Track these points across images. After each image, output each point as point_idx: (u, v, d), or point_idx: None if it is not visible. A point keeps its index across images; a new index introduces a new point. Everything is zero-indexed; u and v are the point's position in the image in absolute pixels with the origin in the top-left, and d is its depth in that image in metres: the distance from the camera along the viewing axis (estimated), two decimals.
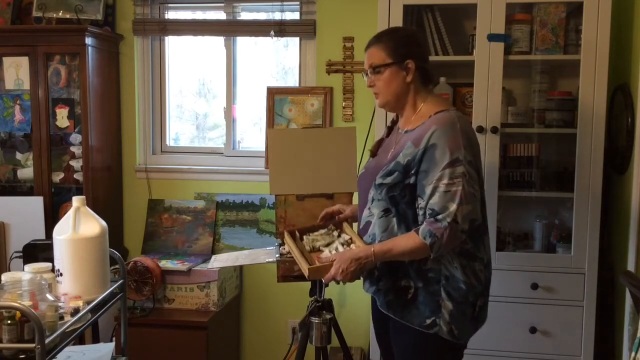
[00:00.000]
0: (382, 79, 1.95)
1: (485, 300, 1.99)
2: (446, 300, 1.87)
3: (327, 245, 2.10)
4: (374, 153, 2.11)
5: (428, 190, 1.82)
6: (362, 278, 2.04)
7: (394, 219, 1.90)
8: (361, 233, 2.02)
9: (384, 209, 1.91)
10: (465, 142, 1.84)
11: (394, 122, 2.13)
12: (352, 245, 2.02)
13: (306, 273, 1.93)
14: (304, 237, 2.17)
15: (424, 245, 1.80)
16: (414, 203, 1.87)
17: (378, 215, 1.92)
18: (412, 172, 1.85)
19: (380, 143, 2.13)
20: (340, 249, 2.02)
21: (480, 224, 1.90)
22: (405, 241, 1.84)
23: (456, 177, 1.79)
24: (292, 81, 3.47)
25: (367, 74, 1.99)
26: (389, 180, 1.89)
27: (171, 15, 3.53)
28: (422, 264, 1.87)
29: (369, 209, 1.96)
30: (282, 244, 2.32)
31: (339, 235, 2.13)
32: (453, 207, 1.78)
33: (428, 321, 1.88)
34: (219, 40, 3.49)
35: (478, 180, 1.88)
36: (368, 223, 1.98)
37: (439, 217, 1.79)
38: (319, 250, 2.10)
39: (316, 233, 2.18)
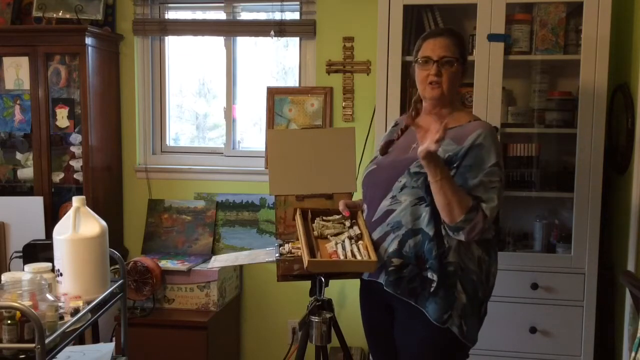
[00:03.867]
0: (451, 71, 2.00)
1: (487, 306, 2.03)
2: (461, 292, 1.92)
3: (336, 235, 2.08)
4: (384, 151, 2.15)
5: (473, 182, 1.89)
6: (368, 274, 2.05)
7: (426, 210, 1.92)
8: (377, 223, 2.01)
9: (418, 197, 1.93)
10: (501, 151, 1.99)
11: (407, 126, 2.15)
12: (360, 242, 2.01)
13: (305, 264, 1.92)
14: (316, 220, 2.15)
15: (460, 214, 1.84)
16: None
17: (411, 204, 1.94)
18: (454, 165, 1.92)
19: (390, 144, 2.16)
20: (347, 242, 2.01)
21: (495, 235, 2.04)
22: (463, 197, 1.85)
23: (499, 179, 1.90)
24: (292, 81, 3.47)
25: (432, 62, 1.99)
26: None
27: (171, 15, 3.53)
28: (443, 257, 1.91)
29: (393, 197, 1.97)
30: (282, 244, 2.32)
31: (350, 226, 2.11)
32: (494, 202, 1.87)
33: (445, 316, 1.91)
34: (219, 40, 3.49)
35: None
36: (389, 212, 1.98)
37: (483, 205, 1.86)
38: (326, 238, 2.08)
39: (329, 218, 2.16)
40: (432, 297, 1.92)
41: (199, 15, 3.57)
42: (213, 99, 3.65)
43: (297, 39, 3.38)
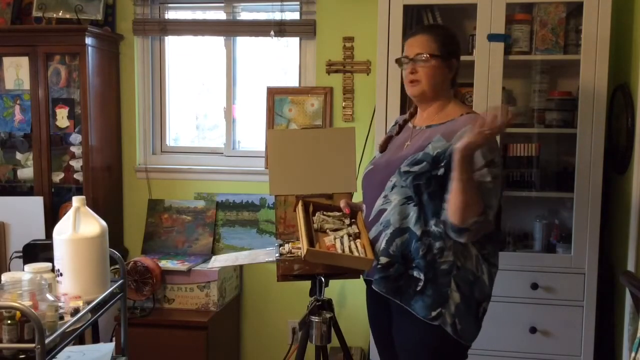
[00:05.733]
0: (427, 68, 1.98)
1: (487, 306, 2.01)
2: (454, 291, 1.90)
3: (335, 230, 2.08)
4: (383, 148, 2.14)
5: None
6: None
7: (414, 210, 1.91)
8: (372, 223, 2.02)
9: (407, 196, 1.92)
10: (496, 147, 1.94)
11: (406, 120, 2.16)
12: (358, 241, 2.01)
13: (304, 252, 1.92)
14: (317, 213, 2.15)
15: (474, 216, 1.81)
16: (438, 194, 1.88)
17: (399, 203, 1.93)
18: (442, 164, 1.88)
19: (389, 139, 2.16)
20: (346, 238, 2.01)
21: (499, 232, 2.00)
22: (479, 200, 1.81)
23: (494, 177, 1.86)
24: (292, 81, 3.47)
25: (407, 61, 2.00)
26: (415, 169, 1.91)
27: (171, 15, 3.53)
28: (437, 256, 1.89)
29: (385, 196, 1.97)
30: (282, 244, 2.32)
31: (349, 224, 2.11)
32: (494, 209, 1.86)
33: (434, 313, 1.89)
34: (219, 40, 3.49)
35: None
36: (381, 211, 1.98)
37: (487, 211, 1.84)
38: (325, 232, 2.08)
39: (330, 213, 2.16)
40: (419, 295, 1.91)
41: (199, 15, 3.57)
42: (213, 99, 3.65)
43: (297, 39, 3.38)
